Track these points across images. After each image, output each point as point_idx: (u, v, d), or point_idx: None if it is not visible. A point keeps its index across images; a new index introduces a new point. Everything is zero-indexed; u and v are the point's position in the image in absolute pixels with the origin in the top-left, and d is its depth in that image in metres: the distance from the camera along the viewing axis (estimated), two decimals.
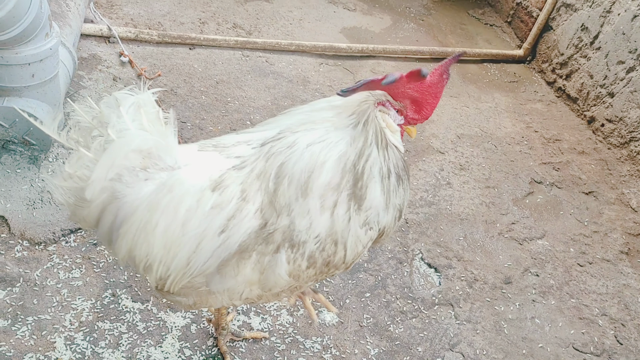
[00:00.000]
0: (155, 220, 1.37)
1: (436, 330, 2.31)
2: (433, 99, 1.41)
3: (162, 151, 1.39)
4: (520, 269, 2.67)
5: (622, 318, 2.55)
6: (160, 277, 1.43)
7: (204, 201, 1.36)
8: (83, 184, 1.36)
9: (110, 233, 1.42)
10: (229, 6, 4.08)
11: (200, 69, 3.37)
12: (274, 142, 1.39)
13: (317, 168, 1.34)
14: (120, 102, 1.36)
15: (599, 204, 3.15)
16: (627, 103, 3.43)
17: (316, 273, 1.47)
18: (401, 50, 4.04)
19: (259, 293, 1.50)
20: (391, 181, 1.44)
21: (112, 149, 1.32)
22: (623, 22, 3.50)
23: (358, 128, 1.39)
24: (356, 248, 1.45)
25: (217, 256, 1.39)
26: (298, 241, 1.38)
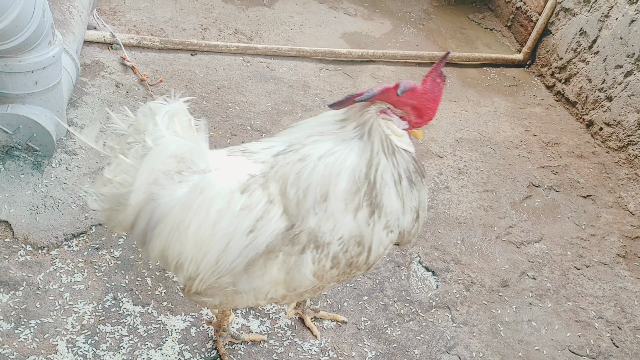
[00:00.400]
0: (188, 220, 1.46)
1: (433, 333, 2.34)
2: (432, 103, 1.47)
3: (195, 155, 1.48)
4: (517, 272, 2.70)
5: (618, 321, 2.57)
6: (190, 275, 1.52)
7: (234, 202, 1.45)
8: (123, 189, 1.45)
9: (145, 233, 1.51)
10: (231, 12, 4.13)
11: (202, 74, 3.42)
12: (285, 154, 1.49)
13: (333, 178, 1.43)
14: (156, 111, 1.46)
15: (597, 208, 3.18)
16: (625, 107, 3.46)
17: (339, 274, 1.55)
18: (401, 55, 4.07)
19: (283, 293, 1.58)
20: (403, 185, 1.51)
21: (151, 155, 1.41)
22: (621, 27, 3.52)
23: (364, 139, 1.46)
24: (378, 250, 1.54)
25: (244, 255, 1.47)
26: (323, 242, 1.47)
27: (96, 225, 2.35)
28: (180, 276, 1.55)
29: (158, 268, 2.27)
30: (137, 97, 3.08)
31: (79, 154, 2.62)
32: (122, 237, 2.34)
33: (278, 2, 4.43)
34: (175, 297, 2.18)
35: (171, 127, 1.45)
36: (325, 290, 1.67)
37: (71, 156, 2.59)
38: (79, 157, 2.61)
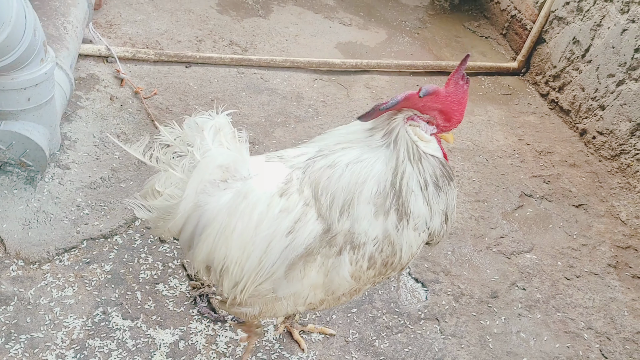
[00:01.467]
0: (234, 224, 1.54)
1: (421, 345, 2.36)
2: (458, 106, 1.53)
3: (238, 164, 1.57)
4: (507, 283, 2.71)
5: (607, 332, 2.58)
6: (235, 279, 1.59)
7: (273, 205, 1.54)
8: (173, 201, 1.53)
9: (192, 238, 1.60)
10: (226, 24, 4.16)
11: (196, 86, 3.45)
12: (316, 159, 1.57)
13: (359, 186, 1.51)
14: (202, 126, 1.54)
15: (589, 217, 3.19)
16: (617, 116, 3.47)
17: (375, 274, 1.62)
18: (395, 64, 4.10)
19: (321, 297, 1.65)
20: (429, 191, 1.56)
21: (200, 167, 1.50)
22: (613, 36, 3.54)
23: (390, 147, 1.53)
24: (410, 250, 1.60)
25: (284, 257, 1.54)
26: (358, 243, 1.54)
27: (87, 240, 2.38)
28: (226, 281, 1.61)
29: (148, 282, 2.29)
30: (132, 110, 3.11)
31: (72, 168, 2.66)
32: (113, 251, 2.37)
33: (273, 13, 4.47)
34: (164, 311, 2.21)
35: (217, 139, 1.54)
36: (360, 293, 1.74)
37: (64, 170, 2.63)
38: (72, 171, 2.64)
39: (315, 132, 3.35)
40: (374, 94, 3.84)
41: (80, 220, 2.44)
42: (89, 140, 2.82)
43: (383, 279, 1.69)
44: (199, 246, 1.59)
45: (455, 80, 1.51)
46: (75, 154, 2.72)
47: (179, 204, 1.52)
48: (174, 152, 1.56)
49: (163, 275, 2.34)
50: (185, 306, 2.25)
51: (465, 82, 1.51)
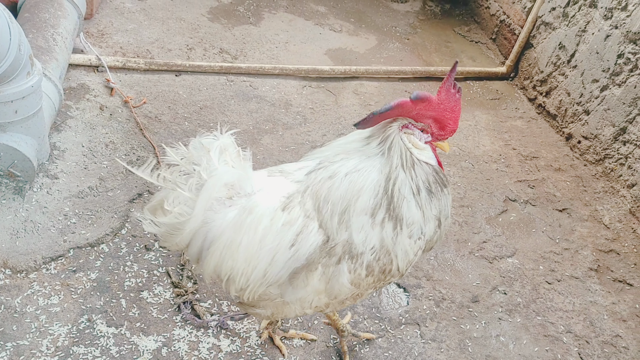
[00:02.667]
0: (239, 239, 1.63)
1: (401, 349, 2.41)
2: (451, 114, 1.57)
3: (243, 182, 1.66)
4: (488, 287, 2.76)
5: (586, 335, 2.62)
6: (241, 287, 1.68)
7: (276, 220, 1.63)
8: (182, 218, 1.61)
9: (200, 252, 1.68)
10: (217, 31, 4.22)
11: (185, 95, 3.51)
12: (317, 171, 1.65)
13: (355, 195, 1.58)
14: (208, 147, 1.62)
15: (572, 221, 3.23)
16: (601, 121, 3.51)
17: (374, 281, 1.69)
18: (383, 71, 4.15)
19: (326, 301, 1.75)
20: (422, 196, 1.62)
21: (208, 186, 1.58)
22: (597, 42, 3.58)
23: (385, 156, 1.59)
24: (407, 257, 1.67)
25: (288, 267, 1.64)
26: (356, 253, 1.62)
27: (74, 248, 2.44)
28: (232, 288, 1.71)
29: (133, 289, 2.35)
30: (121, 120, 3.17)
31: (60, 177, 2.71)
32: (100, 259, 2.42)
33: (264, 20, 4.52)
34: (148, 318, 2.26)
35: (222, 159, 1.61)
36: (364, 297, 1.82)
37: (53, 180, 2.69)
38: (60, 180, 2.70)
39: (302, 139, 3.40)
40: (362, 100, 3.89)
41: (67, 229, 2.49)
42: (78, 150, 2.88)
43: (384, 284, 1.76)
44: (206, 260, 1.68)
45: (447, 88, 1.55)
46: (64, 164, 2.78)
47: (187, 222, 1.60)
48: (180, 171, 1.63)
49: (148, 282, 2.39)
50: (169, 313, 2.30)
51: (457, 90, 1.56)
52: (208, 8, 4.48)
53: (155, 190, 2.71)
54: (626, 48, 3.33)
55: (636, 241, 3.13)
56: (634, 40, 3.28)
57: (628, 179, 3.28)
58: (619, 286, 2.89)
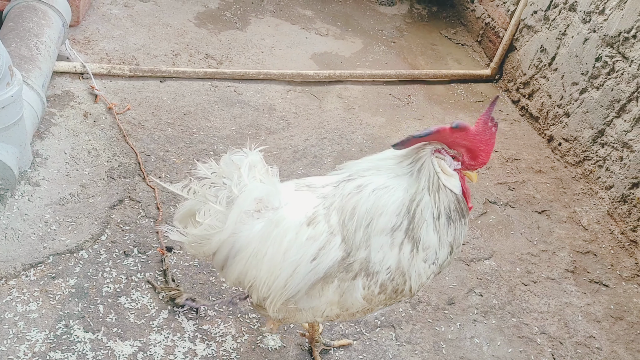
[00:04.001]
0: (265, 250, 1.71)
1: (375, 352, 2.45)
2: (485, 146, 1.63)
3: (271, 196, 1.74)
4: (465, 289, 2.80)
5: (560, 336, 2.66)
6: (263, 297, 1.76)
7: (301, 234, 1.70)
8: (213, 231, 1.70)
9: (225, 260, 1.77)
10: (203, 37, 4.26)
11: (169, 101, 3.55)
12: (346, 182, 1.72)
13: (378, 212, 1.64)
14: (239, 164, 1.71)
15: (551, 223, 3.27)
16: (580, 123, 3.55)
17: (386, 298, 1.76)
18: (368, 74, 4.19)
19: (337, 312, 1.82)
20: (441, 221, 1.67)
21: (239, 201, 1.67)
22: (576, 45, 3.62)
23: (413, 176, 1.65)
24: (420, 279, 1.74)
25: (307, 280, 1.71)
26: (373, 271, 1.69)
27: (54, 255, 2.48)
28: (254, 296, 1.81)
29: (111, 295, 2.40)
30: (104, 126, 3.22)
31: (42, 185, 2.76)
32: (79, 266, 2.47)
33: (251, 25, 4.57)
34: (125, 323, 2.31)
35: (251, 175, 1.71)
36: (374, 312, 1.89)
37: (34, 187, 2.73)
38: (41, 188, 2.75)
39: (285, 143, 3.44)
40: (346, 104, 3.93)
41: (47, 236, 2.54)
42: (60, 157, 2.93)
43: (394, 302, 1.83)
44: (231, 267, 1.76)
45: (485, 121, 1.61)
46: (46, 171, 2.83)
47: (217, 233, 1.69)
48: (211, 185, 1.73)
49: (126, 288, 2.44)
50: (146, 318, 2.35)
51: (494, 124, 1.62)
52: (195, 14, 4.53)
53: (137, 197, 2.77)
54: (604, 51, 3.37)
55: (613, 242, 3.17)
56: (610, 44, 3.32)
57: (606, 180, 3.32)
58: (594, 287, 2.93)
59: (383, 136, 3.71)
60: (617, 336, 2.71)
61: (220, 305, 2.43)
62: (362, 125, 3.76)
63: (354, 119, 3.81)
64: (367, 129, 3.74)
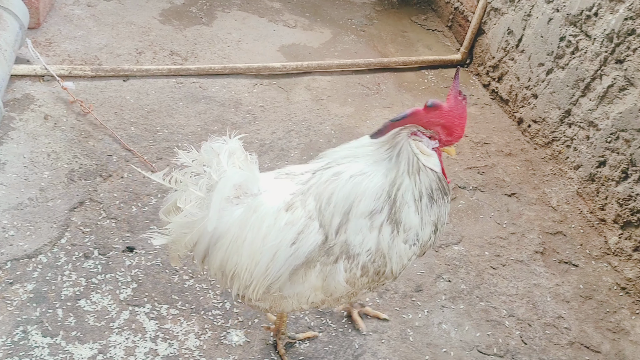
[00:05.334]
0: (244, 235, 1.74)
1: (342, 342, 2.43)
2: (459, 120, 1.66)
3: (250, 183, 1.77)
4: (433, 276, 2.78)
5: (529, 318, 2.65)
6: (245, 283, 1.78)
7: (280, 219, 1.73)
8: (194, 218, 1.73)
9: (207, 249, 1.79)
10: (167, 34, 4.21)
11: (132, 100, 3.51)
12: (323, 170, 1.74)
13: (357, 198, 1.66)
14: (218, 150, 1.73)
15: (520, 205, 3.26)
16: (548, 104, 3.54)
17: (369, 281, 1.78)
18: (336, 64, 4.16)
19: (322, 298, 1.84)
20: (423, 202, 1.70)
21: (219, 187, 1.69)
22: (541, 25, 3.60)
23: (392, 161, 1.67)
24: (401, 261, 1.76)
25: (288, 264, 1.73)
26: (353, 253, 1.71)
27: (11, 260, 2.45)
28: (236, 285, 1.81)
29: (70, 298, 2.36)
30: (65, 128, 3.17)
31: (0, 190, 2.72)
32: (37, 270, 2.43)
33: (217, 20, 4.52)
34: (84, 326, 2.28)
35: (231, 162, 1.73)
36: (358, 296, 1.91)
37: None
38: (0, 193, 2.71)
39: (251, 137, 3.41)
40: (314, 95, 3.90)
41: (4, 242, 2.50)
42: (19, 161, 2.88)
43: (377, 285, 1.84)
44: (213, 255, 1.79)
45: (454, 96, 1.63)
46: (4, 176, 2.79)
47: (200, 221, 1.72)
48: (192, 173, 1.76)
49: (86, 291, 2.41)
50: (106, 320, 2.32)
51: (463, 97, 1.64)
52: (160, 10, 4.47)
53: (98, 198, 2.73)
54: (567, 31, 3.35)
55: (582, 222, 3.17)
56: (574, 23, 3.30)
57: (574, 160, 3.31)
58: (564, 267, 2.93)
59: (352, 126, 3.68)
60: (586, 315, 2.71)
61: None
62: (331, 116, 3.73)
63: (322, 109, 3.78)
64: (335, 120, 3.71)
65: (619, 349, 2.58)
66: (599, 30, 3.09)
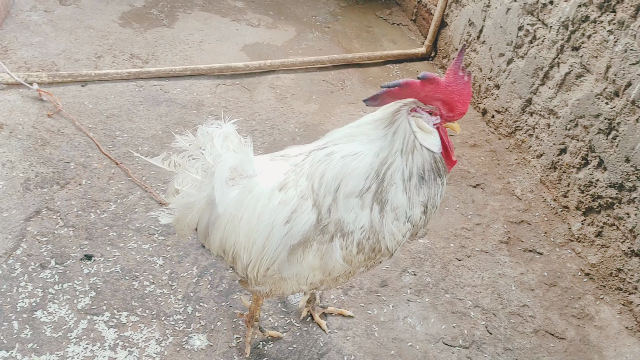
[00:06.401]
0: (241, 215, 1.79)
1: (306, 341, 2.41)
2: (459, 96, 1.59)
3: (245, 165, 1.82)
4: (398, 270, 2.77)
5: (494, 308, 2.66)
6: (246, 263, 1.83)
7: (273, 198, 1.76)
8: (191, 198, 1.81)
9: (207, 228, 1.86)
10: (127, 37, 4.15)
11: (91, 105, 3.45)
12: (318, 150, 1.75)
13: (347, 176, 1.65)
14: (212, 134, 1.80)
15: (485, 196, 3.27)
16: (510, 94, 3.55)
17: (365, 259, 1.78)
18: (300, 62, 4.13)
19: (320, 278, 1.85)
20: (412, 183, 1.65)
21: (218, 171, 1.74)
22: (499, 16, 3.61)
23: (387, 139, 1.63)
24: (394, 238, 1.74)
25: (285, 243, 1.75)
26: (348, 231, 1.70)
27: None
28: (239, 264, 1.87)
29: (26, 310, 2.31)
30: (21, 137, 3.10)
31: None
32: None
33: (179, 21, 4.46)
34: (41, 338, 2.23)
35: (225, 145, 1.78)
36: (355, 275, 1.93)
37: None
38: None
39: None
40: (278, 94, 3.87)
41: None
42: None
43: (375, 263, 1.84)
44: (213, 234, 1.86)
45: (454, 71, 1.56)
46: None
47: (202, 202, 1.81)
48: (190, 156, 1.83)
49: (42, 302, 2.35)
50: (64, 330, 2.27)
51: (466, 74, 1.57)
52: (120, 13, 4.41)
53: (54, 207, 2.68)
54: (525, 20, 3.37)
55: (547, 210, 3.18)
56: (531, 12, 3.31)
57: (537, 149, 3.33)
58: (528, 256, 2.94)
59: (316, 123, 3.66)
60: (551, 302, 2.72)
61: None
62: (295, 114, 3.71)
63: (286, 108, 3.75)
64: (299, 117, 3.68)
65: (584, 335, 2.60)
66: (555, 19, 3.10)
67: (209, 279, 2.57)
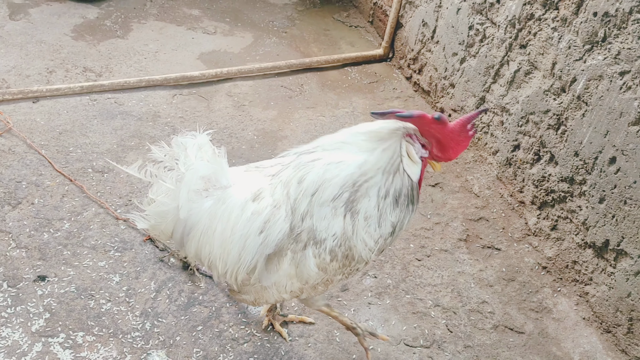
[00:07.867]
0: (214, 226, 1.82)
1: (267, 351, 2.40)
2: (455, 145, 1.66)
3: (218, 175, 1.84)
4: (358, 274, 2.78)
5: (454, 306, 2.69)
6: (223, 272, 1.86)
7: (246, 209, 1.79)
8: (165, 207, 1.84)
9: (182, 238, 1.89)
10: (80, 50, 4.09)
11: (43, 122, 3.38)
12: (306, 154, 1.75)
13: (325, 184, 1.67)
14: (186, 144, 1.81)
15: (444, 195, 3.30)
16: (464, 92, 3.59)
17: (340, 266, 1.79)
18: (257, 68, 4.12)
19: (299, 286, 1.87)
20: (387, 201, 1.69)
21: (187, 179, 1.77)
22: (451, 15, 3.65)
23: (375, 153, 1.65)
24: (366, 246, 1.76)
25: (260, 253, 1.78)
26: (320, 239, 1.73)
27: None
28: (215, 273, 1.91)
29: None
30: None
31: None
32: None
33: (133, 32, 4.41)
34: None
35: (199, 155, 1.79)
36: (334, 283, 1.92)
37: None
38: None
39: None
40: (236, 102, 3.85)
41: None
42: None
43: (351, 271, 1.85)
44: (187, 244, 1.89)
45: (464, 123, 1.61)
46: None
47: (176, 211, 1.81)
48: (165, 167, 1.85)
49: None
50: (17, 354, 2.22)
51: (473, 130, 1.62)
52: (72, 26, 4.34)
53: (6, 228, 2.62)
54: (475, 19, 3.41)
55: (504, 206, 3.23)
56: (479, 11, 3.36)
57: (492, 146, 3.37)
58: (487, 252, 2.98)
59: (275, 129, 3.65)
60: (509, 298, 2.76)
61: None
62: (253, 121, 3.70)
63: (244, 115, 3.74)
64: (258, 124, 3.67)
65: (542, 328, 2.64)
66: (502, 17, 3.15)
67: (167, 294, 2.54)
